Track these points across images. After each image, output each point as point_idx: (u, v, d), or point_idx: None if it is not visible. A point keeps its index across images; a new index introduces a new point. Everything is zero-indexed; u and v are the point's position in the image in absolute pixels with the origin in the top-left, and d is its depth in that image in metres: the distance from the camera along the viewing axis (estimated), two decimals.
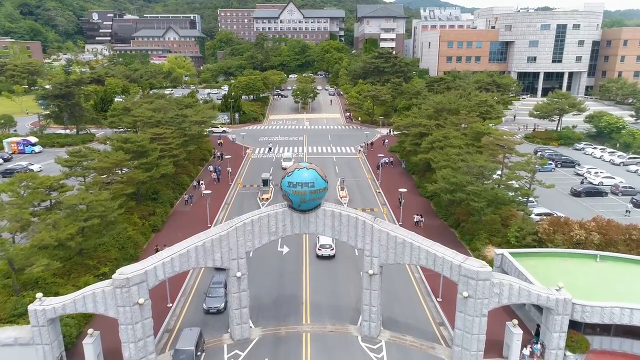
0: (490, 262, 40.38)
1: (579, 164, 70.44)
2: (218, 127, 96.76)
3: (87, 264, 35.95)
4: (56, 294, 32.45)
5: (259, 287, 37.01)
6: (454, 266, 27.28)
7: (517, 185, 45.81)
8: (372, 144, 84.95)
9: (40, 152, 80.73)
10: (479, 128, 51.53)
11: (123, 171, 46.63)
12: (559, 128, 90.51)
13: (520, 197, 41.96)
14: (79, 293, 26.21)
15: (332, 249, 42.33)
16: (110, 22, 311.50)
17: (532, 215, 46.08)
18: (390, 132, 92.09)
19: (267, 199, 58.03)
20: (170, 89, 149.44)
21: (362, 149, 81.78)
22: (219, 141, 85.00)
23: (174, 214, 52.78)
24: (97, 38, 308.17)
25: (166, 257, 27.31)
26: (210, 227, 48.93)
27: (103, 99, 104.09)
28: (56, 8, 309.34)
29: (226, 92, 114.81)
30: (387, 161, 71.02)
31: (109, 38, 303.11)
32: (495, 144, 47.61)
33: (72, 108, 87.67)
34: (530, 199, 43.24)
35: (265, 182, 59.70)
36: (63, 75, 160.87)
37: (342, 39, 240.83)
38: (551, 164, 68.26)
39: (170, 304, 34.64)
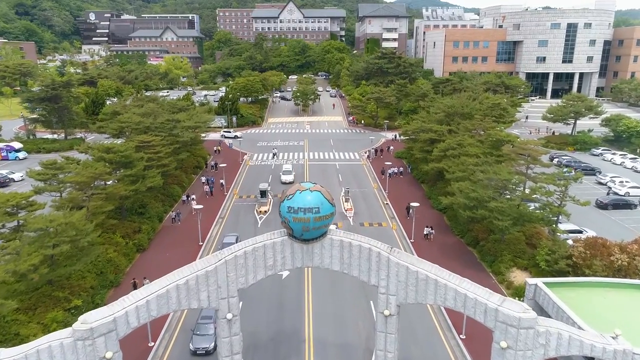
0: (518, 290, 35.74)
1: (599, 172, 65.72)
2: (230, 132, 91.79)
3: (56, 296, 31.18)
4: (16, 335, 27.76)
5: (254, 320, 32.29)
6: (489, 310, 22.52)
7: (543, 200, 41.18)
8: (381, 150, 79.70)
9: (25, 158, 75.94)
10: (498, 135, 46.79)
11: (107, 184, 42.00)
12: (574, 132, 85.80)
13: (550, 215, 37.13)
14: (32, 346, 21.40)
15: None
16: (108, 23, 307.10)
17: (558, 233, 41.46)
18: (396, 137, 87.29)
19: (265, 211, 53.31)
20: (166, 91, 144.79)
21: (368, 155, 76.80)
22: (215, 148, 79.74)
23: (163, 230, 48.03)
24: (94, 38, 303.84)
25: (140, 299, 22.50)
26: (202, 245, 44.32)
27: (94, 101, 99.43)
28: (52, 8, 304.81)
29: (224, 93, 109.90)
30: (395, 171, 65.99)
31: (106, 38, 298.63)
32: (517, 154, 42.90)
33: (60, 112, 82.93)
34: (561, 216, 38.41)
35: (263, 194, 54.96)
36: (56, 76, 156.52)
37: (343, 39, 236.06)
38: (571, 173, 63.37)
39: (152, 343, 29.91)
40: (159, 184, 46.03)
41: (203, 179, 62.35)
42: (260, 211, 53.21)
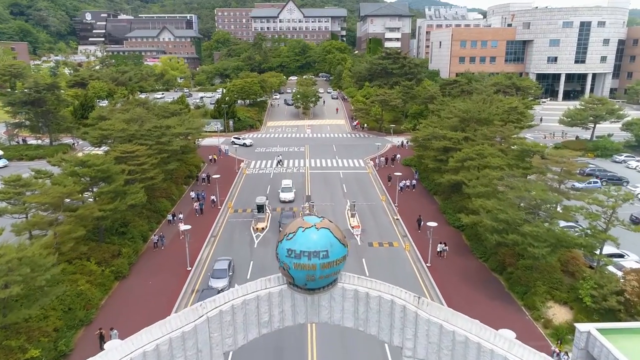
0: (558, 330, 30.39)
1: (627, 182, 60.41)
2: (239, 139, 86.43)
3: (8, 346, 25.85)
4: None
5: None
6: None
7: (575, 222, 35.93)
8: (392, 159, 72.47)
9: (5, 166, 70.58)
10: (524, 145, 41.46)
11: (83, 202, 36.75)
12: (593, 137, 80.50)
13: (595, 242, 31.79)
14: None
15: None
16: (104, 23, 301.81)
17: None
18: (403, 143, 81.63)
19: (263, 228, 48.00)
20: (161, 93, 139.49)
21: (377, 164, 70.65)
22: (211, 157, 73.52)
23: (147, 252, 42.70)
24: (90, 39, 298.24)
25: None
26: (190, 270, 38.99)
27: (83, 104, 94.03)
28: (48, 8, 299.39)
29: (220, 95, 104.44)
30: (407, 184, 60.09)
31: (103, 39, 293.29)
32: (546, 165, 37.63)
33: (45, 115, 77.64)
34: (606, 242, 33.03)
35: (261, 208, 49.57)
36: (48, 77, 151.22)
37: (344, 39, 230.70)
38: (597, 182, 58.20)
39: None
40: (142, 201, 40.70)
41: (193, 194, 56.07)
42: (257, 228, 47.89)
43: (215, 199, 53.66)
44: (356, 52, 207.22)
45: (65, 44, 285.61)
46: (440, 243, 42.35)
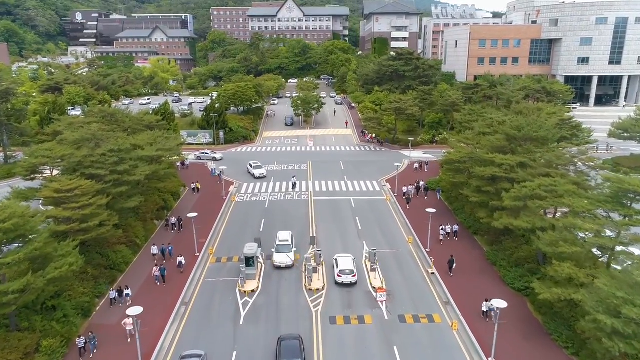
0: None
1: None
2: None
3: None
4: None
5: None
6: None
7: None
8: (426, 189, 56.98)
9: None
10: (628, 184, 28.75)
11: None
12: None
13: None
14: None
15: (354, 275, 35.76)
16: (95, 23, 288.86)
17: None
18: (422, 165, 67.75)
19: (253, 290, 35.37)
20: (147, 98, 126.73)
21: (406, 193, 54.50)
22: (193, 185, 58.35)
23: (90, 329, 29.90)
24: (81, 40, 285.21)
25: None
26: None
27: (51, 113, 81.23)
28: (37, 7, 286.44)
29: (209, 102, 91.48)
30: (449, 230, 44.20)
31: (94, 39, 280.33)
32: None
33: None
34: None
35: (250, 261, 36.82)
36: (27, 81, 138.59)
37: (346, 38, 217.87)
38: None
39: None
40: (73, 269, 27.96)
41: (154, 249, 40.24)
42: (246, 291, 35.23)
43: (182, 262, 37.74)
44: (359, 52, 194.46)
45: (54, 45, 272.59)
46: (487, 300, 31.70)
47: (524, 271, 35.72)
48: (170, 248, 40.41)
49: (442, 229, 43.20)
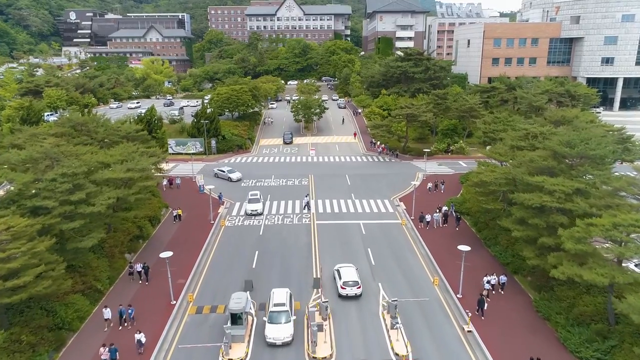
0: None
1: None
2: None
3: None
4: None
5: None
6: None
7: None
8: (459, 219, 46.48)
9: None
10: None
11: None
12: None
13: None
14: None
15: (359, 287, 32.76)
16: (90, 22, 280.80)
17: None
18: (438, 185, 57.67)
19: (241, 359, 27.24)
20: (136, 101, 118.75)
21: (432, 220, 46.26)
22: (175, 213, 47.72)
23: None
24: (75, 40, 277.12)
25: None
26: None
27: (25, 119, 73.30)
28: (29, 7, 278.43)
29: (200, 107, 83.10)
30: (496, 281, 34.26)
31: (89, 39, 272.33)
32: None
33: None
34: None
35: (237, 319, 28.73)
36: (13, 83, 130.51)
37: (348, 38, 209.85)
38: None
39: None
40: None
41: (106, 313, 29.63)
42: (231, 359, 27.14)
43: (142, 340, 27.22)
44: (362, 53, 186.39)
45: (47, 45, 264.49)
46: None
47: (591, 333, 27.66)
48: (130, 310, 30.28)
49: (487, 281, 33.84)
